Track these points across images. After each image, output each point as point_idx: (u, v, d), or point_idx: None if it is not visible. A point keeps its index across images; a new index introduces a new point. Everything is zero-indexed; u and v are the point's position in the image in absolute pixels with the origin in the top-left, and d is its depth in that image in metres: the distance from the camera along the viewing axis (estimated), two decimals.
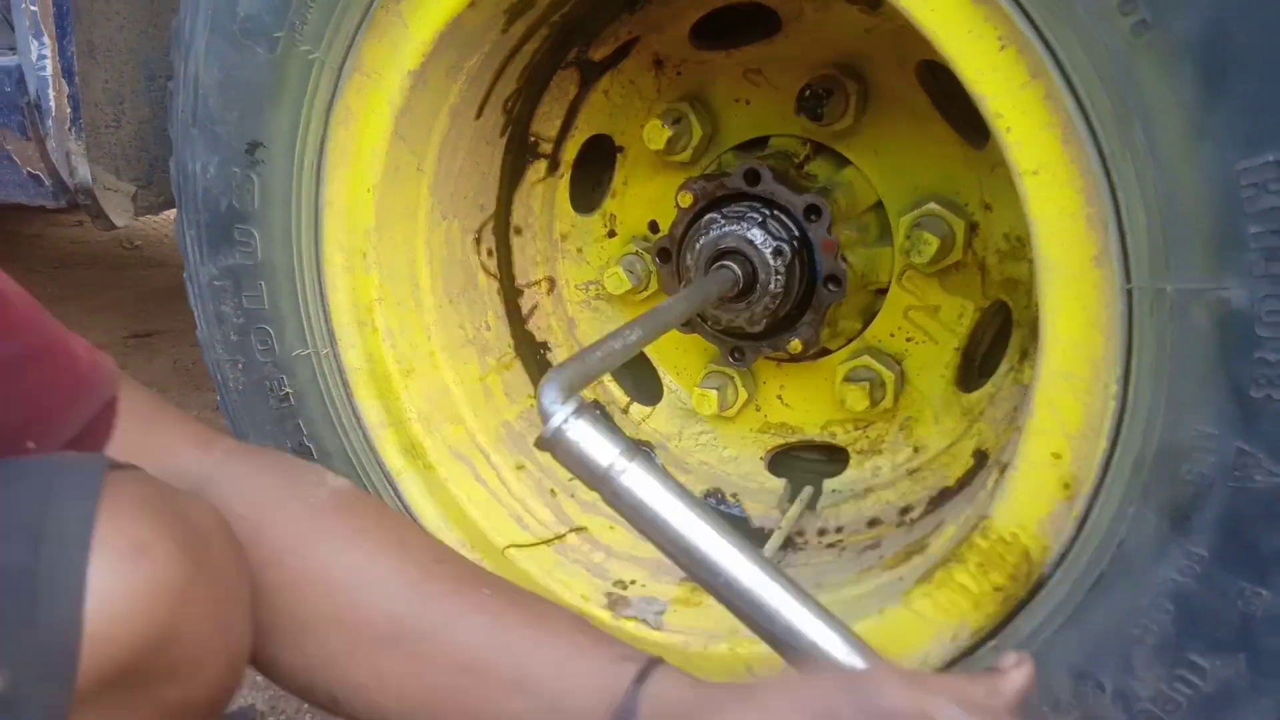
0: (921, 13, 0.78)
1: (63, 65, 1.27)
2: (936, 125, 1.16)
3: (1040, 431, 0.84)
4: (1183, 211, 0.69)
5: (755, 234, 1.15)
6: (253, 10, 1.10)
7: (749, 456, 1.38)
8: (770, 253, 1.15)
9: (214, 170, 1.20)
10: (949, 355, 1.24)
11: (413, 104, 1.11)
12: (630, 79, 1.32)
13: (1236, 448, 0.72)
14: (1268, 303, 0.68)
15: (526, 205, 1.40)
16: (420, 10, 1.03)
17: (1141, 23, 0.67)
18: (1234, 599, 0.74)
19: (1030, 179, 0.77)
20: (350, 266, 1.19)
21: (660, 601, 1.15)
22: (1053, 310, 0.79)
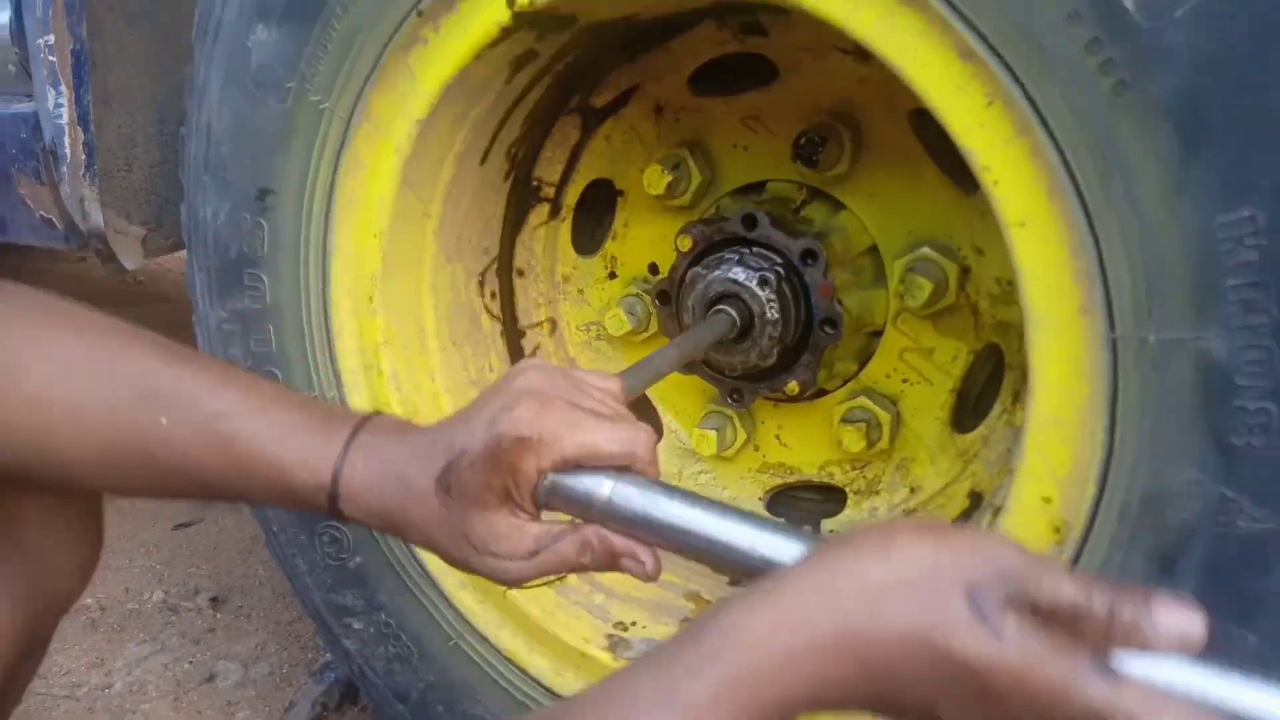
0: (911, 69, 0.80)
1: (79, 113, 1.31)
2: (929, 171, 1.19)
3: (1031, 476, 0.85)
4: (1164, 264, 0.72)
5: (751, 279, 1.18)
6: (265, 61, 1.13)
7: (748, 496, 1.40)
8: (766, 297, 1.17)
9: (225, 216, 1.23)
10: (943, 397, 1.26)
11: (419, 152, 1.14)
12: (631, 125, 1.36)
13: (1220, 494, 0.73)
14: (1246, 353, 0.70)
15: (529, 248, 1.42)
16: (428, 62, 1.06)
17: (1121, 83, 0.70)
18: (1219, 642, 0.75)
19: (1017, 230, 0.79)
20: (357, 310, 1.22)
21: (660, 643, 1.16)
22: (1041, 358, 0.81)
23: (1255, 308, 0.69)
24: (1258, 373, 0.70)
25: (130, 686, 1.70)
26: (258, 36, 1.12)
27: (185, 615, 1.90)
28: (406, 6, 1.03)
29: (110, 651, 1.79)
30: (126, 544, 2.15)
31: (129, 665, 1.75)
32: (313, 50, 1.09)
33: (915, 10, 0.78)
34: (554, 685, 1.19)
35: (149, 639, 1.82)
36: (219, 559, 2.10)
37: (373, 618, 1.30)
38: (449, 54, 1.05)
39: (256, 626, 1.85)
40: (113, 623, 1.88)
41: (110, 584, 2.00)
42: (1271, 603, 0.73)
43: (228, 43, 1.15)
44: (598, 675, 1.16)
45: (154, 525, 2.24)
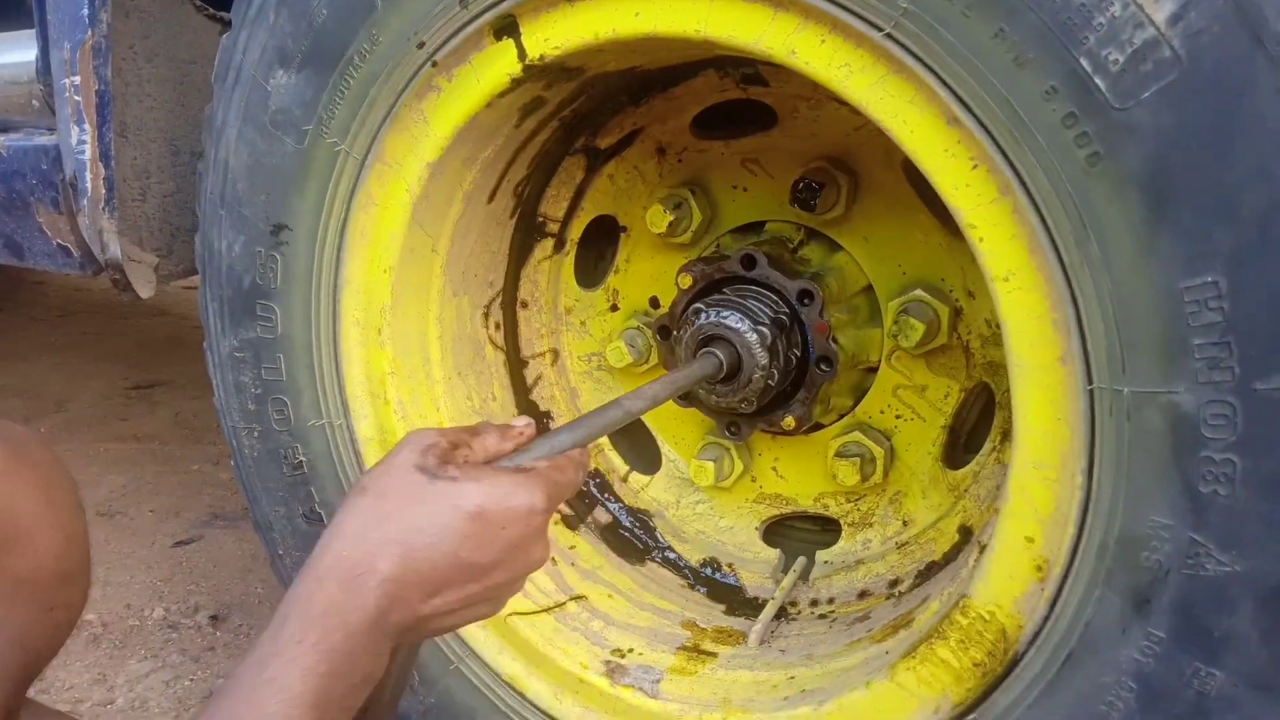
0: (901, 133, 0.85)
1: (101, 150, 1.35)
2: (922, 217, 1.23)
3: (1014, 516, 0.89)
4: (1135, 321, 0.76)
5: (742, 324, 1.21)
6: (284, 104, 1.18)
7: (744, 526, 1.43)
8: (756, 343, 1.20)
9: (239, 249, 1.27)
10: (936, 433, 1.30)
11: (430, 191, 1.18)
12: (634, 165, 1.40)
13: (1189, 538, 0.77)
14: (1211, 407, 0.74)
15: (533, 281, 1.46)
16: (441, 109, 1.11)
17: (1095, 154, 0.74)
18: (1190, 679, 0.79)
19: (1001, 284, 0.83)
20: (365, 341, 1.25)
21: (657, 670, 1.19)
22: (1023, 404, 0.85)
23: (1219, 365, 0.73)
24: (1222, 426, 0.74)
25: (132, 703, 1.73)
26: (277, 81, 1.16)
27: (185, 632, 1.93)
28: (422, 57, 1.08)
29: (112, 668, 1.82)
30: (127, 560, 2.18)
31: (130, 682, 1.77)
32: (330, 95, 1.14)
33: (905, 79, 0.83)
34: (552, 710, 1.21)
35: (150, 656, 1.85)
36: (218, 576, 2.12)
37: None
38: (461, 102, 1.09)
39: None
40: (114, 639, 1.90)
41: (111, 601, 2.02)
42: (1237, 643, 0.77)
43: (247, 85, 1.19)
44: (595, 700, 1.19)
45: (153, 543, 2.26)
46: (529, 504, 0.78)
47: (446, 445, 0.80)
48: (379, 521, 0.75)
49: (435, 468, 0.77)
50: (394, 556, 0.74)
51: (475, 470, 0.78)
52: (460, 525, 0.75)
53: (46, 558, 0.82)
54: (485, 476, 0.78)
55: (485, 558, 0.76)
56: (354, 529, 0.75)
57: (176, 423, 2.98)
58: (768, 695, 1.12)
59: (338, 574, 0.73)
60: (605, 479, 1.49)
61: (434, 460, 0.77)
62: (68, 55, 1.34)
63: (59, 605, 0.84)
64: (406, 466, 0.77)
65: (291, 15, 1.14)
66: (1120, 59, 0.72)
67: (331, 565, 0.74)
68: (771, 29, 0.90)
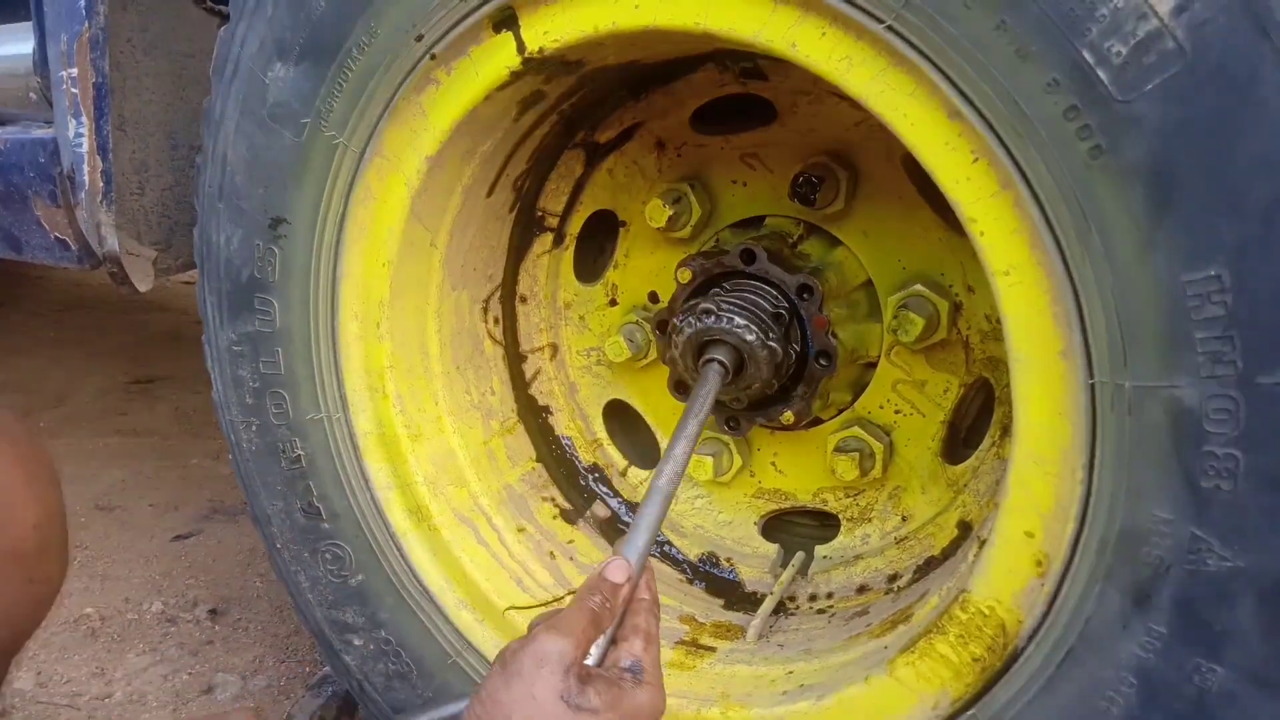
0: (902, 126, 0.85)
1: (98, 143, 1.35)
2: (923, 211, 1.22)
3: (1015, 510, 0.89)
4: (1137, 315, 0.76)
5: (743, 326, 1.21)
6: (282, 97, 1.17)
7: (743, 521, 1.43)
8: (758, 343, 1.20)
9: (237, 242, 1.27)
10: (935, 428, 1.29)
11: (429, 185, 1.18)
12: (633, 160, 1.40)
13: (1190, 533, 0.77)
14: (1214, 401, 0.74)
15: (532, 275, 1.46)
16: (440, 102, 1.10)
17: (1097, 147, 0.74)
18: (1191, 674, 0.79)
19: (1002, 278, 0.83)
20: (364, 335, 1.25)
21: None
22: (1024, 399, 0.85)
23: (1222, 360, 0.73)
24: (1225, 420, 0.74)
25: (130, 696, 1.73)
26: (275, 74, 1.16)
27: (184, 626, 1.93)
28: (420, 50, 1.07)
29: (110, 661, 1.82)
30: (125, 555, 2.18)
31: (129, 676, 1.77)
32: (329, 89, 1.13)
33: (905, 72, 0.82)
34: None
35: (148, 649, 1.85)
36: (217, 571, 2.12)
37: (373, 634, 1.33)
38: (460, 95, 1.09)
39: (254, 639, 1.88)
40: (113, 633, 1.90)
41: (110, 594, 2.02)
42: (1238, 638, 0.77)
43: (246, 79, 1.19)
44: None
45: (152, 537, 2.26)
46: (659, 710, 0.84)
47: (579, 655, 0.82)
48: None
49: (578, 696, 0.79)
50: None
51: (610, 694, 0.81)
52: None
53: (26, 529, 0.83)
54: (622, 702, 0.81)
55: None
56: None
57: (176, 417, 2.98)
58: (766, 690, 1.12)
59: None
60: (604, 473, 1.48)
61: (576, 685, 0.80)
62: (65, 48, 1.33)
63: (39, 579, 0.85)
64: (552, 697, 0.79)
65: (289, 8, 1.13)
66: (1123, 51, 0.72)
67: None
68: (771, 22, 0.90)
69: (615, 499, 1.47)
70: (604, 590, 0.87)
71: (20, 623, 0.86)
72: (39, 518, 0.84)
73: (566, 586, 1.30)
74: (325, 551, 1.33)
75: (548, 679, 0.79)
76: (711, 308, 1.20)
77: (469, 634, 1.26)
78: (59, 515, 0.87)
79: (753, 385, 1.21)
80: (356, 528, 1.30)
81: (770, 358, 1.19)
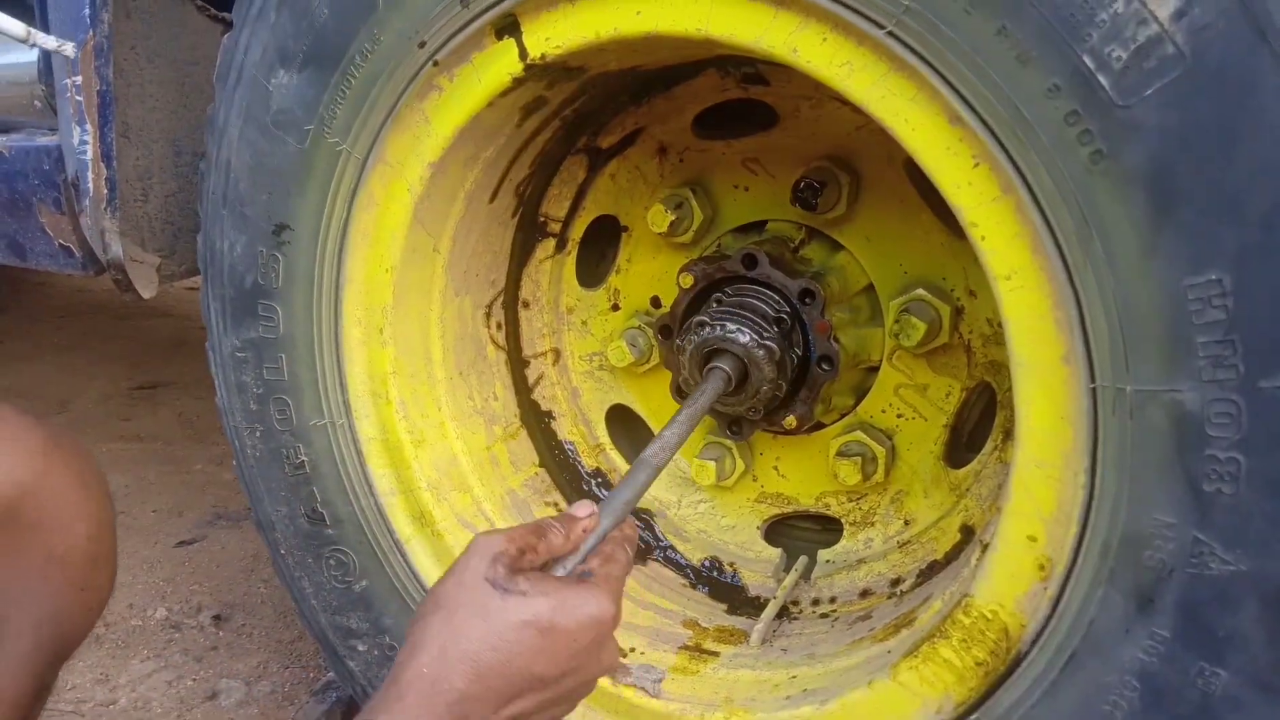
0: (903, 131, 0.85)
1: (103, 150, 1.35)
2: (924, 216, 1.23)
3: (1017, 515, 0.89)
4: (1139, 319, 0.76)
5: (746, 335, 1.21)
6: (285, 104, 1.17)
7: (746, 525, 1.43)
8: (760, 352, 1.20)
9: (241, 249, 1.27)
10: (937, 432, 1.29)
11: (431, 191, 1.18)
12: (635, 165, 1.40)
13: (1193, 536, 0.77)
14: (1215, 405, 0.74)
15: (535, 281, 1.46)
16: (442, 109, 1.11)
17: (1098, 152, 0.74)
18: (1194, 678, 0.79)
19: (1004, 283, 0.83)
20: (367, 341, 1.25)
21: (658, 670, 1.19)
22: (1026, 403, 0.85)
23: (1223, 364, 0.73)
24: (1226, 424, 0.74)
25: (134, 703, 1.73)
26: (279, 81, 1.16)
27: (188, 632, 1.93)
28: (423, 57, 1.07)
29: (115, 668, 1.82)
30: (129, 560, 2.18)
31: (133, 682, 1.77)
32: (332, 95, 1.14)
33: (906, 77, 0.83)
34: None
35: (153, 656, 1.85)
36: (221, 576, 2.12)
37: (377, 640, 1.34)
38: (462, 101, 1.09)
39: (258, 645, 1.88)
40: (117, 639, 1.90)
41: (114, 601, 2.01)
42: (1242, 642, 0.77)
43: (249, 86, 1.19)
44: (597, 699, 1.19)
45: (156, 543, 2.27)
46: (597, 614, 0.81)
47: (514, 552, 0.82)
48: (454, 638, 0.77)
49: (505, 580, 0.79)
50: (468, 674, 0.77)
51: (543, 583, 0.81)
52: (531, 641, 0.78)
53: (80, 539, 0.87)
54: (553, 590, 0.80)
55: (556, 669, 0.80)
56: (431, 646, 0.78)
57: (179, 423, 2.99)
58: (770, 694, 1.12)
59: (417, 688, 0.76)
60: (607, 478, 1.49)
61: (503, 572, 0.80)
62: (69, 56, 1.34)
63: (90, 587, 0.88)
64: (476, 579, 0.79)
65: (292, 15, 1.14)
66: (1123, 56, 0.72)
67: (411, 679, 0.77)
68: (773, 28, 0.90)
69: None
70: (562, 520, 0.88)
71: (72, 629, 0.89)
72: (92, 529, 0.87)
73: None
74: (329, 557, 1.33)
75: (475, 566, 0.80)
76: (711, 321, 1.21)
77: None
78: (110, 528, 0.90)
79: (761, 388, 1.21)
80: (360, 533, 1.30)
81: (769, 357, 1.20)
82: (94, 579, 0.90)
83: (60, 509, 0.84)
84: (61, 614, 0.87)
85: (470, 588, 0.79)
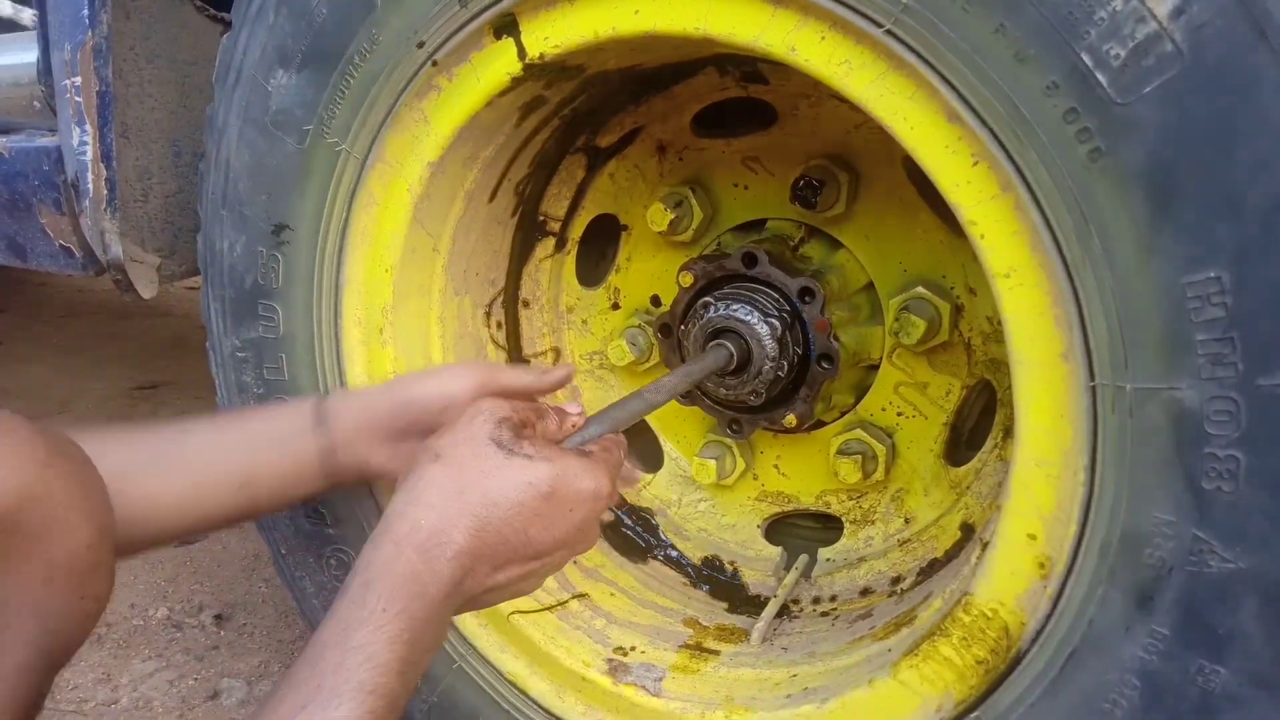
0: (901, 129, 0.85)
1: (102, 150, 1.35)
2: (923, 214, 1.23)
3: (1017, 513, 0.89)
4: (1138, 317, 0.76)
5: (751, 316, 1.22)
6: (284, 104, 1.18)
7: (746, 524, 1.43)
8: (766, 334, 1.21)
9: (241, 249, 1.27)
10: (937, 430, 1.29)
11: (431, 191, 1.18)
12: (635, 164, 1.40)
13: (1193, 535, 0.77)
14: (1215, 403, 0.74)
15: (535, 280, 1.46)
16: (441, 108, 1.11)
17: (1096, 149, 0.74)
18: (1194, 677, 0.79)
19: (1002, 280, 0.83)
20: (367, 341, 1.26)
21: (659, 668, 1.19)
22: (1025, 401, 0.85)
23: (1222, 361, 0.73)
24: (1226, 422, 0.74)
25: (136, 703, 1.73)
26: (278, 81, 1.17)
27: (190, 632, 1.93)
28: (422, 56, 1.08)
29: (116, 667, 1.82)
30: (130, 560, 2.17)
31: (135, 681, 1.78)
32: (331, 95, 1.14)
33: (905, 75, 0.83)
34: (555, 708, 1.22)
35: (154, 655, 1.85)
36: (222, 576, 2.13)
37: None
38: (461, 101, 1.09)
39: (260, 644, 1.88)
40: (118, 639, 1.91)
41: (116, 600, 2.01)
42: (1241, 640, 0.77)
43: (248, 86, 1.19)
44: (598, 698, 1.20)
45: None
46: (595, 487, 0.81)
47: (517, 420, 0.82)
48: (457, 492, 0.76)
49: (510, 442, 0.79)
50: (470, 529, 0.75)
51: (548, 449, 0.80)
52: (533, 504, 0.77)
53: (80, 546, 0.86)
54: (557, 457, 0.80)
55: (551, 537, 0.79)
56: (431, 497, 0.77)
57: None
58: (770, 693, 1.12)
59: (415, 541, 0.75)
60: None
61: (509, 434, 0.79)
62: (68, 56, 1.34)
63: (89, 594, 0.88)
64: (482, 437, 0.78)
65: (291, 15, 1.14)
66: (1122, 54, 0.72)
67: (409, 531, 0.75)
68: (771, 26, 0.90)
69: (619, 505, 1.47)
70: (556, 409, 0.90)
71: (69, 636, 0.89)
72: (93, 537, 0.86)
73: (570, 591, 1.31)
74: (330, 557, 1.34)
75: (481, 425, 0.79)
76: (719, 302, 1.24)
77: (473, 638, 1.26)
78: (110, 534, 0.90)
79: (763, 369, 1.22)
80: (361, 533, 1.30)
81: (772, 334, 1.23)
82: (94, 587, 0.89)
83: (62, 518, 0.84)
84: (61, 623, 0.86)
85: (475, 443, 0.78)
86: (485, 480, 0.77)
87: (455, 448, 0.79)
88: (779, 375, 1.23)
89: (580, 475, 0.81)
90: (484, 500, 0.77)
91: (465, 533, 0.76)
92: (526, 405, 0.86)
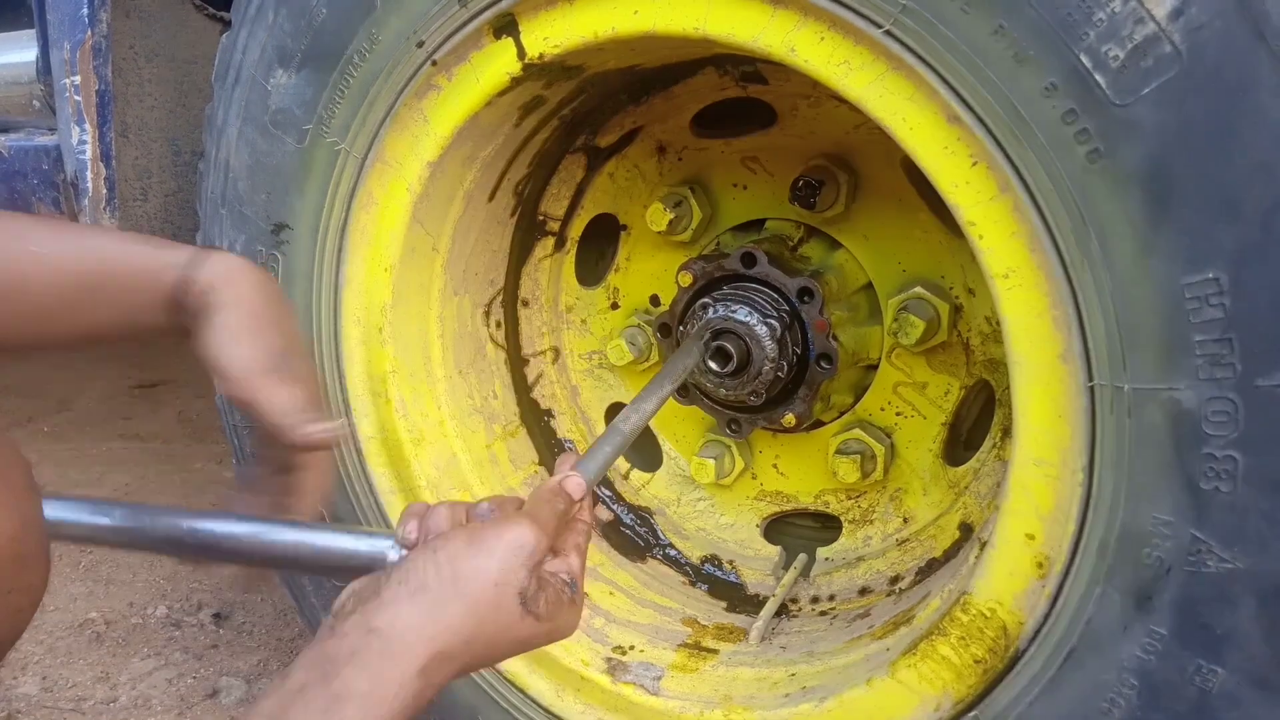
0: (901, 131, 0.85)
1: (101, 150, 1.35)
2: (922, 214, 1.23)
3: (1015, 513, 0.89)
4: (1136, 318, 0.76)
5: (751, 317, 1.22)
6: (284, 104, 1.18)
7: (745, 524, 1.43)
8: (765, 335, 1.21)
9: (240, 248, 1.27)
10: (936, 430, 1.30)
11: (431, 191, 1.18)
12: (634, 164, 1.40)
13: (1191, 535, 0.77)
14: (1213, 404, 0.74)
15: (534, 279, 1.47)
16: (441, 108, 1.11)
17: (1095, 151, 0.74)
18: (1192, 676, 0.79)
19: (1001, 281, 0.83)
20: (366, 340, 1.26)
21: (657, 667, 1.20)
22: (1024, 401, 0.85)
23: (1221, 362, 0.73)
24: (1224, 422, 0.74)
25: (135, 701, 1.73)
26: (277, 80, 1.17)
27: (188, 630, 1.93)
28: (421, 56, 1.08)
29: (115, 666, 1.82)
30: (129, 559, 2.18)
31: (133, 680, 1.78)
32: (331, 95, 1.14)
33: (904, 76, 0.83)
34: (554, 707, 1.22)
35: (153, 654, 1.85)
36: (221, 575, 2.13)
37: None
38: (461, 100, 1.09)
39: (259, 643, 1.88)
40: (117, 637, 1.91)
41: (114, 599, 2.03)
42: (1239, 640, 0.77)
43: (248, 85, 1.19)
44: (597, 697, 1.20)
45: None
46: (574, 627, 0.83)
47: (545, 559, 0.81)
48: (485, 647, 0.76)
49: (532, 599, 0.77)
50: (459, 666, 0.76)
51: (558, 611, 0.80)
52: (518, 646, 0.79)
53: (2, 541, 0.81)
54: (560, 616, 0.81)
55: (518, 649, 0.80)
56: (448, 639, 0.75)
57: (180, 422, 2.99)
58: (769, 692, 1.13)
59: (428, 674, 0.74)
60: (606, 477, 1.49)
61: (534, 587, 0.77)
62: (68, 55, 1.34)
63: (16, 589, 0.85)
64: (511, 592, 0.76)
65: (291, 14, 1.14)
66: (1120, 55, 0.72)
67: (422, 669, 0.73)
68: (770, 27, 0.90)
69: (618, 503, 1.47)
70: (566, 502, 0.86)
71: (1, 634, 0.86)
72: (15, 529, 0.83)
73: None
74: None
75: (516, 570, 0.77)
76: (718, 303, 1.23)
77: None
78: (36, 524, 0.86)
79: (762, 369, 1.22)
80: None
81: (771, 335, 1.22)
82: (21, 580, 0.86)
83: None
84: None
85: (504, 596, 0.76)
86: (500, 638, 0.76)
87: (480, 584, 0.76)
88: (778, 375, 1.23)
89: (569, 625, 0.81)
90: (490, 651, 0.77)
91: (456, 667, 0.75)
92: (549, 521, 0.82)
